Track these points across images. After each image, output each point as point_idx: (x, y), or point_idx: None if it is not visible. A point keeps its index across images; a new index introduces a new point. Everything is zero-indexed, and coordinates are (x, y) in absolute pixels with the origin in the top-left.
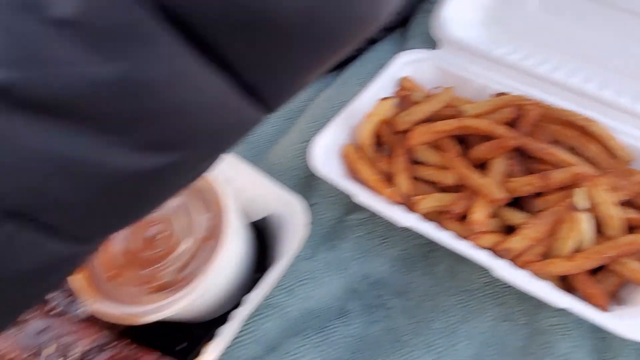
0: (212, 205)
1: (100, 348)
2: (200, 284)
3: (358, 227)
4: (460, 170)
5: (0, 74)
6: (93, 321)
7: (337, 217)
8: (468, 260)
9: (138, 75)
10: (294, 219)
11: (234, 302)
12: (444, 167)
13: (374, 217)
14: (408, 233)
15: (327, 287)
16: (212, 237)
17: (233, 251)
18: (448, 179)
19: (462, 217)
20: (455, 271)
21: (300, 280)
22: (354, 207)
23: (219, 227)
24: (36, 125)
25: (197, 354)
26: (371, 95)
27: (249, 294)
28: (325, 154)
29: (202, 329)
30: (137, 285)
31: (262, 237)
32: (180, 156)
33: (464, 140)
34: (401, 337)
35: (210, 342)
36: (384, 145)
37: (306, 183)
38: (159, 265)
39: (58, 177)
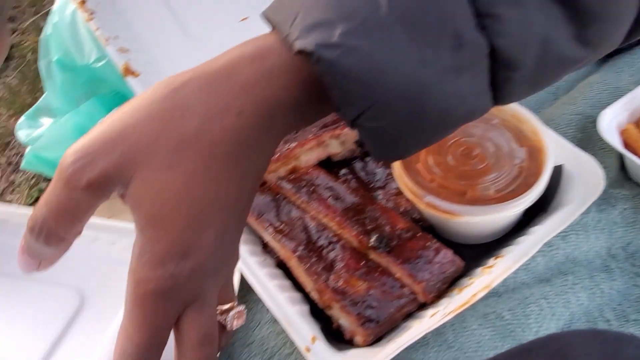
0: (525, 140)
1: (413, 234)
2: (515, 205)
3: (623, 201)
4: None
5: None
6: (401, 214)
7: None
8: None
9: None
10: (587, 174)
11: (498, 235)
12: None
13: (637, 197)
14: None
15: (593, 243)
16: (527, 168)
17: (543, 186)
18: None
19: None
20: None
21: (574, 230)
22: (616, 183)
23: (536, 161)
24: (548, 11)
25: (479, 265)
26: None
27: (538, 227)
28: (607, 128)
29: (465, 250)
30: (455, 191)
31: None
32: (593, 55)
33: None
34: None
35: (501, 259)
36: None
37: None
38: (477, 180)
39: (534, 49)
